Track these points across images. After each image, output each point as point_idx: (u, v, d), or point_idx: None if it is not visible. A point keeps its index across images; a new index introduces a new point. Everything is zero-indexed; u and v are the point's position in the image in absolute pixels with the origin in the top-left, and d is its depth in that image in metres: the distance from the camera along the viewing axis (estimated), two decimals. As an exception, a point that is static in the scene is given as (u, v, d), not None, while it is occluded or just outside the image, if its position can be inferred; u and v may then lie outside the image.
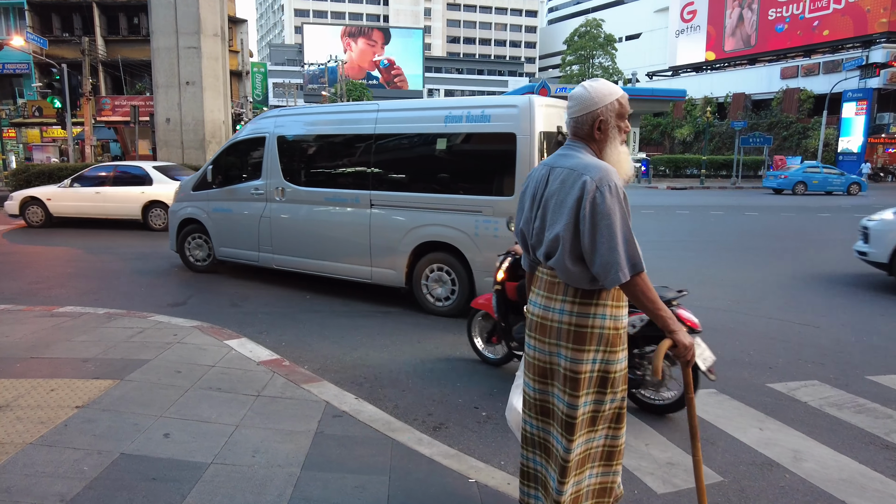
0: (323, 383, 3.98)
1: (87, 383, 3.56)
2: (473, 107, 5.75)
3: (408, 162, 6.31)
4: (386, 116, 6.29)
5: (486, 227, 5.62)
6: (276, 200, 7.01)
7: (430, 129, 5.96)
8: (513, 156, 5.41)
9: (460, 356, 4.90)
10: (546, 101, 5.68)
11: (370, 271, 6.41)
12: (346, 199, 6.49)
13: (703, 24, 49.86)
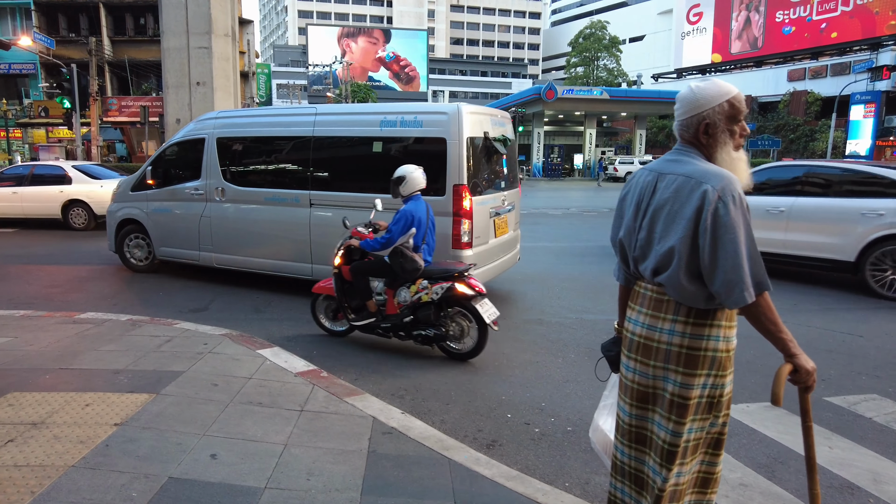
0: (365, 396, 3.80)
1: (122, 397, 3.38)
2: (407, 113, 6.14)
3: (346, 163, 6.60)
4: (324, 120, 6.59)
5: None
6: (217, 200, 7.17)
7: (367, 133, 6.30)
8: (443, 158, 5.80)
9: (499, 366, 4.71)
10: (473, 108, 6.16)
11: (311, 268, 6.60)
12: (285, 199, 6.70)
13: (710, 26, 49.69)
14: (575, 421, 3.80)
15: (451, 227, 5.81)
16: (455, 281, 4.72)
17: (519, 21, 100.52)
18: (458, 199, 5.77)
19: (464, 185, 5.77)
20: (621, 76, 62.17)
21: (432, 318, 4.76)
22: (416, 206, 4.91)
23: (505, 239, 6.78)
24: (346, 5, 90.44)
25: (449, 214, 5.80)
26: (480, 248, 6.11)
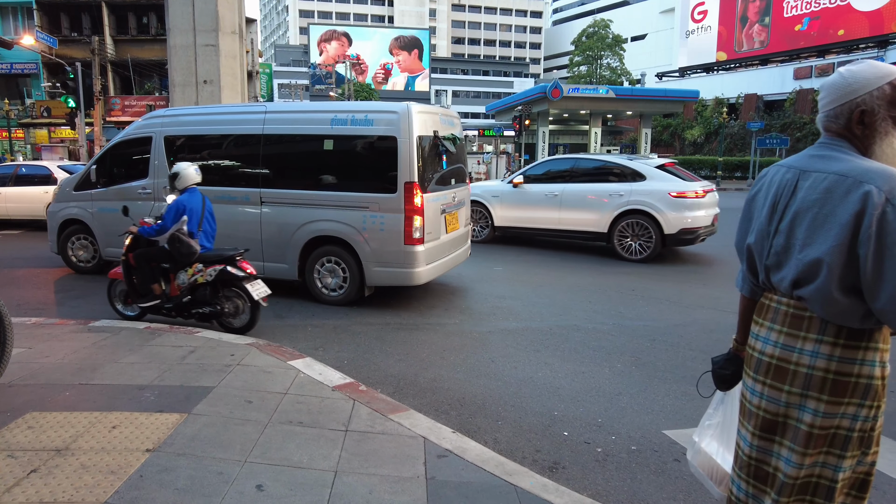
0: (410, 413, 3.50)
1: (150, 418, 3.08)
2: (358, 111, 6.22)
3: (297, 161, 6.62)
4: (274, 118, 6.58)
5: (374, 222, 6.07)
6: (165, 199, 6.96)
7: (318, 131, 6.33)
8: (394, 156, 5.94)
9: (545, 378, 4.42)
10: (423, 108, 6.32)
11: (262, 266, 6.56)
12: (236, 197, 6.67)
13: (715, 24, 49.36)
14: (637, 439, 3.51)
15: (403, 223, 5.95)
16: (227, 264, 5.09)
17: (520, 20, 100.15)
18: (410, 197, 5.91)
19: (415, 182, 5.91)
20: (624, 75, 61.81)
21: (208, 298, 5.13)
22: (191, 198, 5.33)
23: (456, 235, 6.94)
24: (348, 5, 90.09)
25: (401, 211, 5.95)
26: (432, 243, 6.28)
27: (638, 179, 9.27)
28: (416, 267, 6.06)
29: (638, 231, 9.17)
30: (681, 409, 3.94)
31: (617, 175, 9.53)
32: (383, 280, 6.22)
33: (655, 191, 9.02)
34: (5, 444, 2.70)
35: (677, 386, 4.31)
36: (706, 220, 9.08)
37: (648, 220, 9.03)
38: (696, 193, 8.96)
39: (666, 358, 4.90)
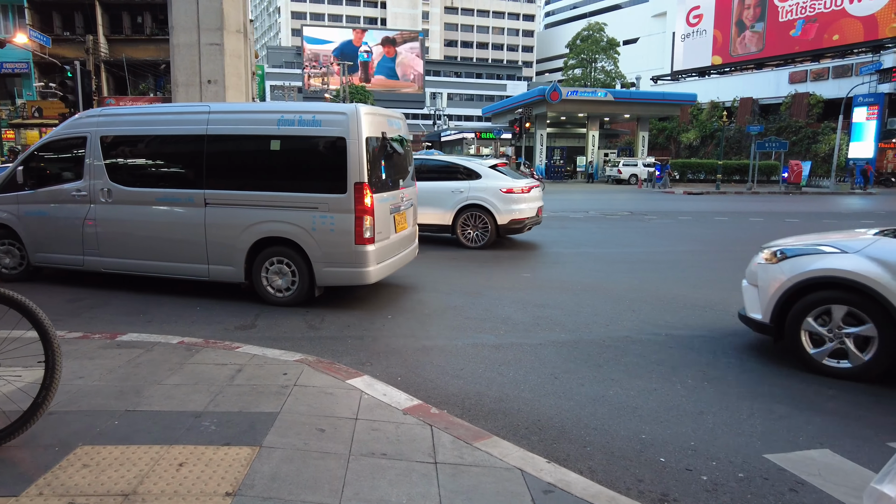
0: (495, 440, 3.18)
1: (218, 453, 2.73)
2: (305, 112, 6.19)
3: (243, 161, 6.50)
4: (218, 118, 6.46)
5: (324, 222, 6.07)
6: (102, 202, 6.83)
7: (264, 131, 6.25)
8: (344, 157, 5.95)
9: (617, 396, 4.11)
10: (371, 109, 6.38)
11: (207, 269, 6.50)
12: (179, 199, 6.52)
13: (710, 28, 49.58)
14: (740, 465, 3.21)
15: (354, 223, 5.99)
16: None
17: (513, 23, 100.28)
18: (360, 197, 5.96)
19: (364, 183, 5.95)
20: (618, 78, 61.95)
21: None
22: None
23: (405, 234, 7.06)
24: (340, 6, 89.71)
25: (351, 212, 5.98)
26: (383, 242, 6.34)
27: (475, 178, 10.53)
28: (367, 266, 6.11)
29: (476, 223, 10.45)
30: (772, 429, 3.66)
31: (457, 174, 10.72)
32: (334, 280, 6.23)
33: (489, 187, 10.37)
34: (63, 489, 2.35)
35: (758, 403, 4.03)
36: (531, 212, 10.64)
37: (485, 213, 10.36)
38: (522, 189, 10.45)
39: (736, 373, 4.61)
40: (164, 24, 30.89)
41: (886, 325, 4.09)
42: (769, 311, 4.69)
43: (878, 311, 4.14)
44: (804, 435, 3.58)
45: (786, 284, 4.57)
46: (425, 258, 9.15)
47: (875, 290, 4.10)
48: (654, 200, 24.76)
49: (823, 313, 4.42)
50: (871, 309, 4.17)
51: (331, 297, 6.73)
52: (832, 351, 4.42)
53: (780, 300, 4.60)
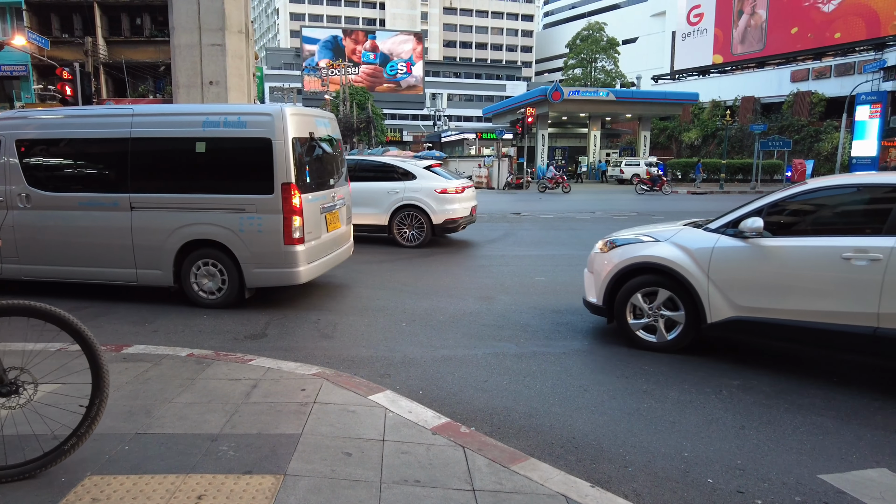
0: (533, 462, 2.97)
1: (241, 483, 2.51)
2: (230, 113, 6.18)
3: (168, 164, 6.44)
4: (142, 120, 6.39)
5: (251, 223, 6.06)
6: (20, 207, 6.60)
7: (189, 133, 6.20)
8: (270, 158, 5.95)
9: (651, 409, 3.90)
10: (297, 109, 6.42)
11: (135, 273, 6.44)
12: (103, 203, 6.41)
13: (711, 27, 49.38)
14: (794, 486, 3.00)
15: (282, 224, 5.98)
16: None
17: (511, 23, 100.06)
18: (288, 197, 5.96)
19: (292, 183, 5.96)
20: (619, 78, 61.80)
21: None
22: None
23: (338, 233, 7.08)
24: (339, 7, 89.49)
25: (279, 212, 5.97)
26: (313, 242, 6.34)
27: (410, 178, 10.69)
28: (298, 266, 6.10)
29: (412, 222, 10.62)
30: (821, 446, 3.45)
31: (393, 174, 10.86)
32: (264, 281, 6.23)
33: (425, 188, 10.54)
34: (72, 528, 2.13)
35: (801, 416, 3.82)
36: (465, 212, 10.88)
37: (420, 213, 10.53)
38: (456, 189, 10.68)
39: (770, 382, 4.40)
40: (164, 26, 30.69)
41: (689, 304, 4.81)
42: (601, 294, 5.27)
43: (688, 299, 4.80)
44: (856, 452, 3.37)
45: (613, 270, 5.18)
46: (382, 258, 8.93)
47: (675, 269, 4.83)
48: (660, 201, 24.56)
49: (650, 294, 5.04)
50: (685, 296, 4.82)
51: (340, 302, 6.52)
52: (645, 325, 5.07)
53: (610, 283, 5.19)
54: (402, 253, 10.21)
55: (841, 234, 4.39)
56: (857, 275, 4.13)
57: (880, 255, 4.05)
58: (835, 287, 4.24)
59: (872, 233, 4.24)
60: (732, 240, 4.66)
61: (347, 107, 50.65)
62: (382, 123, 61.56)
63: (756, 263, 4.54)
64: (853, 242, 4.20)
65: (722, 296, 4.64)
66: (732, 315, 4.62)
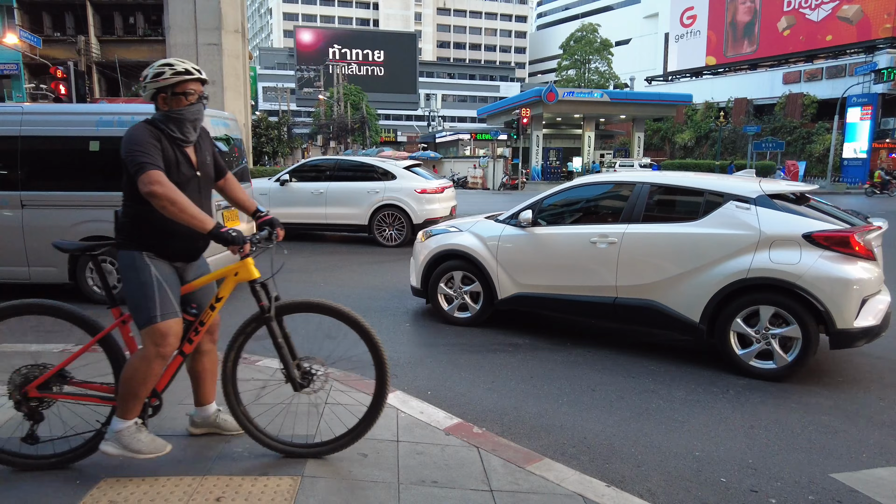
0: (547, 463, 2.97)
1: (258, 485, 2.49)
2: (124, 113, 6.35)
3: (62, 162, 6.46)
4: (32, 119, 6.44)
5: None
6: None
7: (83, 133, 6.29)
8: None
9: (659, 409, 3.91)
10: None
11: (27, 271, 6.49)
12: None
13: (704, 28, 49.71)
14: (806, 485, 3.01)
15: None
16: None
17: (505, 24, 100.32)
18: None
19: None
20: (612, 79, 62.03)
21: None
22: None
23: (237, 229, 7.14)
24: (332, 7, 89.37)
25: None
26: None
27: (390, 178, 10.79)
28: None
29: (392, 222, 10.73)
30: (831, 445, 3.47)
31: (373, 174, 10.97)
32: None
33: (405, 188, 10.65)
34: (92, 531, 2.10)
35: (809, 416, 3.84)
36: (445, 211, 10.92)
37: (400, 213, 10.64)
38: (436, 189, 10.84)
39: (775, 382, 4.42)
40: (157, 25, 30.52)
41: (484, 284, 5.58)
42: (419, 278, 5.98)
43: (483, 279, 5.57)
44: (867, 451, 3.39)
45: (427, 256, 5.87)
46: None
47: (470, 253, 5.61)
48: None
49: (450, 279, 5.79)
50: (481, 277, 5.59)
51: (343, 302, 6.48)
52: (459, 306, 5.78)
53: (425, 269, 5.89)
54: (384, 253, 10.27)
55: (591, 223, 5.26)
56: (600, 255, 4.94)
57: (615, 239, 4.88)
58: (585, 265, 5.05)
59: (612, 221, 5.10)
60: (514, 229, 5.44)
61: (342, 107, 50.53)
62: (376, 124, 61.49)
63: (530, 248, 5.34)
64: (598, 229, 5.04)
65: (507, 275, 5.43)
66: (516, 292, 5.42)
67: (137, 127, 2.54)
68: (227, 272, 2.71)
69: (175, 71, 2.52)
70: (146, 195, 2.39)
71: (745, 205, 4.52)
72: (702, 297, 4.55)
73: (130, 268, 2.56)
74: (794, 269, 4.26)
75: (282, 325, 2.74)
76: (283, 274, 2.98)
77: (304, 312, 2.79)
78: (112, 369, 2.71)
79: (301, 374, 2.77)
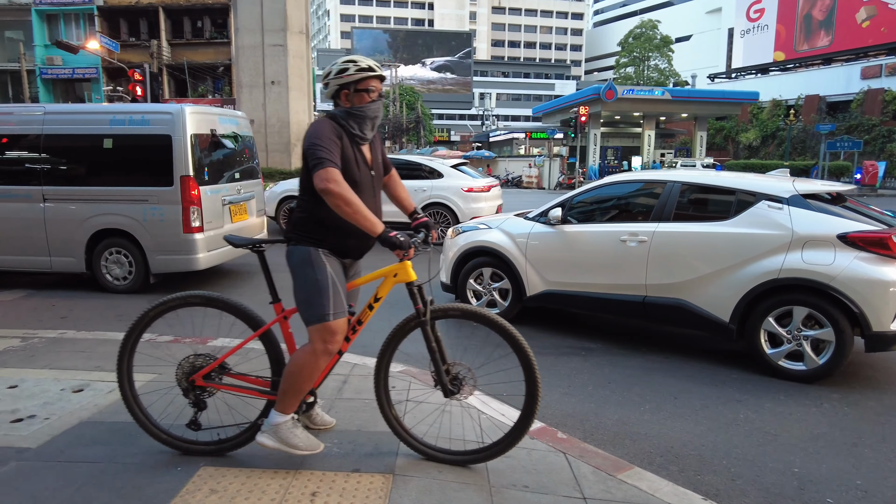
0: (638, 472, 2.86)
1: (351, 481, 2.50)
2: (135, 112, 6.76)
3: (78, 158, 6.89)
4: (53, 118, 6.86)
5: (154, 213, 6.60)
6: None
7: (97, 130, 6.69)
8: (170, 153, 6.48)
9: (748, 419, 3.71)
10: (197, 108, 6.97)
11: (49, 261, 6.89)
12: (16, 196, 6.81)
13: (772, 22, 47.46)
14: (927, 513, 2.78)
15: (181, 214, 6.51)
16: None
17: (561, 22, 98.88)
18: (186, 189, 6.47)
19: (189, 176, 6.47)
20: (673, 76, 60.15)
21: None
22: None
23: (244, 224, 7.55)
24: (388, 8, 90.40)
25: (178, 203, 6.50)
26: (213, 231, 6.81)
27: (437, 176, 10.80)
28: (197, 253, 6.63)
29: (439, 220, 10.66)
30: (947, 468, 3.19)
31: (421, 172, 10.93)
32: (166, 267, 6.76)
33: (451, 186, 10.69)
34: (199, 519, 2.15)
35: (917, 435, 3.55)
36: (491, 210, 10.82)
37: (447, 211, 10.65)
38: (482, 188, 10.86)
39: (876, 394, 4.13)
40: (223, 28, 31.68)
41: (513, 281, 5.58)
42: (449, 274, 6.03)
43: (512, 276, 5.57)
44: None
45: (457, 253, 5.93)
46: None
47: (499, 250, 5.59)
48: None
49: (479, 275, 5.83)
50: (509, 274, 5.58)
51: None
52: (487, 302, 5.79)
53: (455, 265, 5.95)
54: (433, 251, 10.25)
55: (621, 221, 5.27)
56: (630, 253, 4.91)
57: (646, 238, 4.85)
58: (615, 264, 5.01)
59: (643, 219, 5.07)
60: (543, 227, 5.41)
61: (397, 107, 51.09)
62: (431, 123, 61.85)
63: (559, 246, 5.34)
64: (628, 228, 5.00)
65: (536, 273, 5.42)
66: (545, 289, 5.41)
67: (322, 121, 2.54)
68: (387, 273, 2.68)
69: (359, 67, 2.52)
70: (321, 191, 2.38)
71: (777, 204, 4.46)
72: (732, 296, 4.50)
73: (305, 263, 2.54)
74: (828, 270, 4.17)
75: (434, 329, 2.67)
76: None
77: (458, 319, 2.73)
78: (270, 364, 2.74)
79: (451, 378, 2.69)
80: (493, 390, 3.35)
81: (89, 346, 4.57)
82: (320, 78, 2.80)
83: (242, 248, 2.75)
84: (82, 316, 5.95)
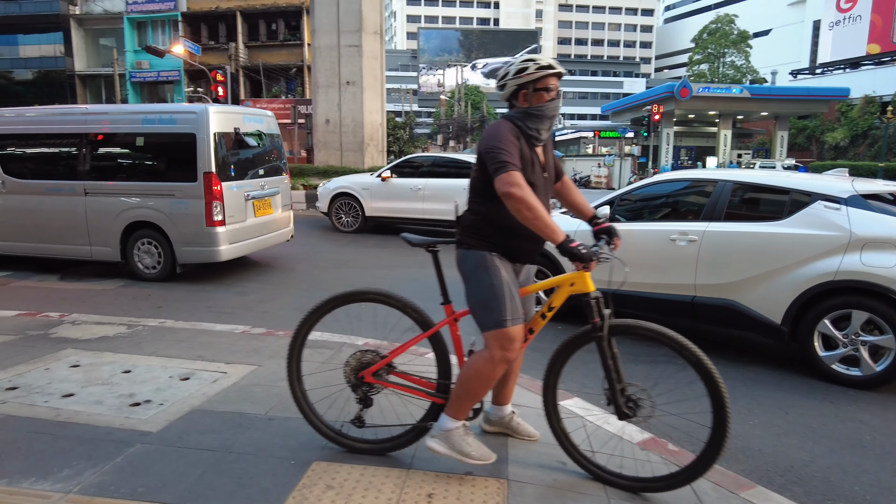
0: (761, 490, 2.69)
1: (465, 485, 2.45)
2: (164, 112, 7.22)
3: (114, 155, 7.48)
4: (94, 119, 7.43)
5: (179, 207, 7.00)
6: None
7: (131, 129, 7.24)
8: (194, 150, 6.84)
9: (874, 440, 3.41)
10: (221, 108, 7.37)
11: (90, 250, 7.42)
12: (64, 189, 7.36)
13: (866, 13, 44.27)
14: None
15: (204, 208, 6.87)
16: None
17: (630, 19, 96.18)
18: (209, 185, 6.83)
19: (212, 172, 6.82)
20: (751, 73, 57.25)
21: None
22: None
23: (268, 218, 7.88)
24: (454, 8, 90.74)
25: (201, 197, 6.86)
26: (235, 225, 7.17)
27: None
28: (219, 246, 6.98)
29: None
30: None
31: (468, 171, 10.59)
32: (191, 258, 7.14)
33: None
34: (319, 515, 2.16)
35: None
36: None
37: None
38: None
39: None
40: (296, 30, 32.66)
41: None
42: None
43: (555, 269, 5.39)
44: None
45: None
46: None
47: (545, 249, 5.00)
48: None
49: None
50: (551, 267, 5.44)
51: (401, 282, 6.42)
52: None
53: None
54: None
55: (670, 220, 5.21)
56: (679, 252, 4.85)
57: (696, 237, 4.79)
58: (664, 263, 4.95)
59: (693, 218, 4.99)
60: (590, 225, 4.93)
61: (462, 107, 51.17)
62: (495, 122, 61.45)
63: None
64: (678, 227, 4.94)
65: None
66: None
67: (500, 123, 2.47)
68: (563, 281, 2.55)
69: (539, 66, 2.45)
70: (503, 195, 2.30)
71: (834, 205, 4.33)
72: (784, 298, 4.41)
73: (480, 268, 2.48)
74: (890, 273, 4.02)
75: (612, 344, 2.50)
76: (372, 261, 2.80)
77: (640, 336, 2.54)
78: (437, 366, 2.70)
79: (625, 400, 2.51)
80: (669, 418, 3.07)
81: (188, 336, 4.75)
82: (496, 79, 2.65)
83: (418, 247, 2.70)
84: (176, 306, 6.22)
